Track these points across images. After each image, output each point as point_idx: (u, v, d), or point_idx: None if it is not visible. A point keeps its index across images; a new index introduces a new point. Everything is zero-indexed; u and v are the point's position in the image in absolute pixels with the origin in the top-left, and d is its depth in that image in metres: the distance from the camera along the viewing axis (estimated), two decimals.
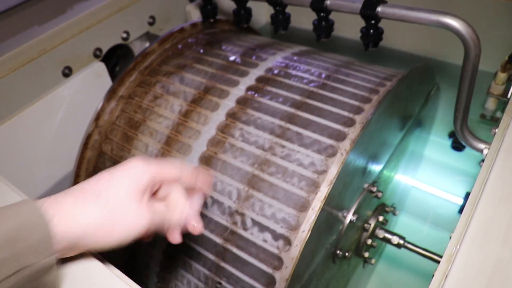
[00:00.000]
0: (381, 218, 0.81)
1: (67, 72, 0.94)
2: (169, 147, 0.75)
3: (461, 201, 1.05)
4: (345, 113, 0.69)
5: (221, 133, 0.72)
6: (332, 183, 0.61)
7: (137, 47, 1.07)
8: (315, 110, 0.70)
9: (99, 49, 0.98)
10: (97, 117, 0.83)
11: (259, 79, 0.77)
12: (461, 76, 0.69)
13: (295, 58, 0.82)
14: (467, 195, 1.05)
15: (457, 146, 1.03)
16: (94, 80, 0.89)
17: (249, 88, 0.76)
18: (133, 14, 1.02)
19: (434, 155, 1.09)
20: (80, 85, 0.88)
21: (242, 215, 0.66)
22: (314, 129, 0.68)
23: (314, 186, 0.63)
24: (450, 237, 0.78)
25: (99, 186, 0.44)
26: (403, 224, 1.09)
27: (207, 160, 0.70)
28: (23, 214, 0.38)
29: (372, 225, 0.80)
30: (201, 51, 0.87)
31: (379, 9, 0.69)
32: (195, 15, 1.00)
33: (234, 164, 0.68)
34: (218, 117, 0.74)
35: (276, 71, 0.78)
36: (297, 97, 0.72)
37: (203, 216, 0.68)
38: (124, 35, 1.02)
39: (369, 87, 0.73)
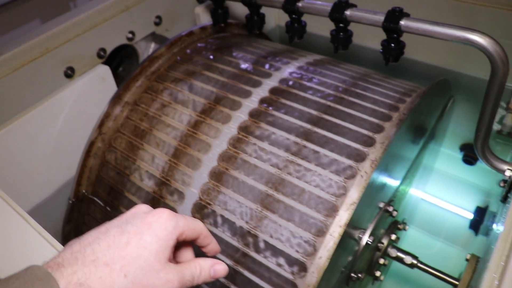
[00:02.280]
0: (393, 237, 0.78)
1: (70, 73, 0.90)
2: (177, 160, 0.71)
3: (471, 216, 1.03)
4: (365, 131, 0.66)
5: (233, 148, 0.68)
6: (352, 209, 0.58)
7: (142, 48, 1.03)
8: (332, 127, 0.67)
9: (103, 50, 0.94)
10: (101, 123, 0.79)
11: (273, 91, 0.73)
12: (486, 94, 0.66)
13: (310, 68, 0.78)
14: (478, 210, 1.03)
15: (469, 160, 1.01)
16: (98, 83, 0.85)
17: (262, 100, 0.72)
18: (138, 13, 0.98)
19: (444, 168, 1.06)
20: (83, 89, 0.84)
21: (255, 236, 0.62)
22: (332, 148, 0.65)
23: (332, 209, 0.60)
24: (467, 260, 0.75)
25: (114, 249, 0.39)
26: (411, 237, 1.07)
27: (217, 176, 0.67)
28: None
29: (385, 243, 0.77)
30: (211, 57, 0.83)
31: (402, 22, 0.66)
32: (204, 18, 0.96)
33: (247, 182, 0.65)
34: (230, 130, 0.70)
35: (290, 83, 0.75)
36: (314, 112, 0.69)
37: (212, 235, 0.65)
38: (129, 35, 0.98)
39: (388, 103, 0.70)
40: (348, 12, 0.69)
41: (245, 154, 0.67)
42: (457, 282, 0.74)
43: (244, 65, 0.79)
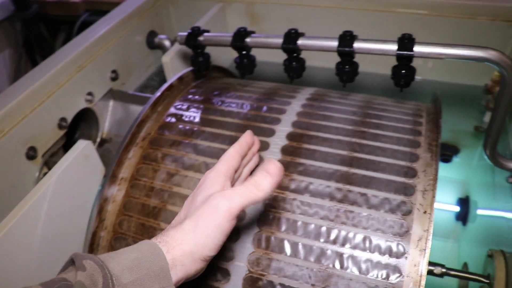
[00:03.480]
0: None
1: (32, 154, 0.77)
2: None
3: (454, 208, 1.08)
4: (402, 163, 0.65)
5: (272, 208, 0.63)
6: (427, 246, 0.57)
7: (100, 108, 0.92)
8: (369, 165, 0.65)
9: (64, 119, 0.82)
10: (100, 209, 0.69)
11: (291, 137, 0.69)
12: (497, 103, 0.69)
13: (314, 104, 0.75)
14: (460, 200, 1.09)
15: (446, 158, 1.06)
16: (82, 162, 0.73)
17: (284, 150, 0.68)
18: (94, 71, 0.87)
19: None
20: (65, 173, 0.71)
21: None
22: (377, 187, 0.62)
23: (401, 250, 0.58)
24: (490, 256, 0.78)
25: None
26: None
27: (266, 244, 0.61)
28: (143, 248, 0.45)
29: None
30: (203, 110, 0.76)
31: (415, 49, 0.66)
32: (173, 65, 0.87)
33: (300, 242, 0.60)
34: None
35: (304, 125, 0.71)
36: (343, 152, 0.66)
37: None
38: (89, 97, 0.87)
39: (407, 128, 0.70)
40: (355, 45, 0.67)
41: (287, 212, 0.62)
42: (486, 281, 0.76)
43: (245, 114, 0.74)
